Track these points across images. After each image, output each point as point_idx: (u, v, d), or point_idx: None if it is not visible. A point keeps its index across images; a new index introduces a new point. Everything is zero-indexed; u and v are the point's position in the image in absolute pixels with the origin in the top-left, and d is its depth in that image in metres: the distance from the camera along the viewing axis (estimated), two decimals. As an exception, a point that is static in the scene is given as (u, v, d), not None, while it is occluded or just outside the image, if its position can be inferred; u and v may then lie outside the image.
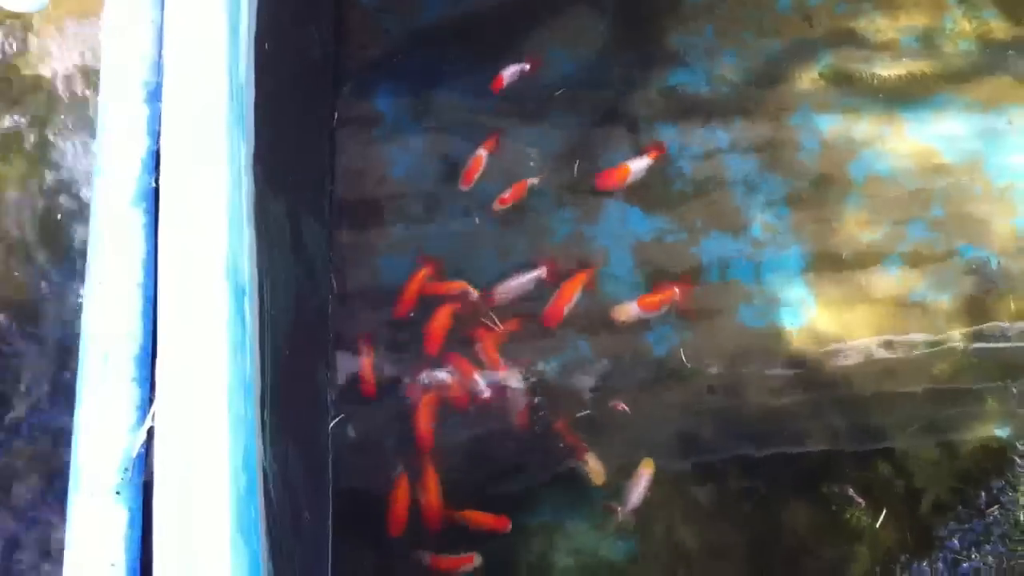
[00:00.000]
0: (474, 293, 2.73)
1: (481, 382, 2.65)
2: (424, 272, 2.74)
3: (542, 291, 2.77)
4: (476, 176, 2.85)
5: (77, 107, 2.49)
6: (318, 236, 2.66)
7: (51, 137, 2.46)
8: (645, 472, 2.62)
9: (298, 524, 2.11)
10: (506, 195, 2.83)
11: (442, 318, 2.69)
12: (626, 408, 2.68)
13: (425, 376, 2.66)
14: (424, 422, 2.61)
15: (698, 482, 2.66)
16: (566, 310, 2.73)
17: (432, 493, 2.55)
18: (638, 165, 2.90)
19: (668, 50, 3.08)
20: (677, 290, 2.78)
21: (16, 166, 2.46)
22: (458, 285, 2.75)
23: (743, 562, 2.60)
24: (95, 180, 1.74)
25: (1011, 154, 3.01)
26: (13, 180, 2.45)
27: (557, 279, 2.78)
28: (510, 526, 2.56)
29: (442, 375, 2.66)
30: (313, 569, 2.31)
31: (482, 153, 2.86)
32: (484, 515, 2.56)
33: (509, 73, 2.96)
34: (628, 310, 2.76)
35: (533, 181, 2.86)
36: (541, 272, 2.77)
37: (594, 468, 2.60)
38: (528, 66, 2.98)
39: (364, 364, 2.66)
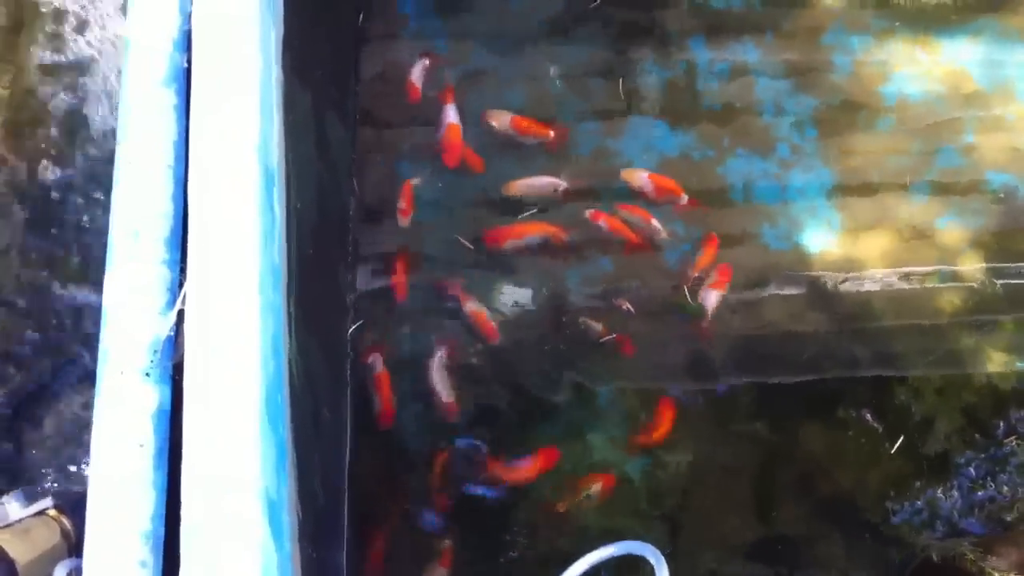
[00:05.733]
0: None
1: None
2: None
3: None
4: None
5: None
6: (341, 135, 2.61)
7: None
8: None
9: (318, 419, 2.09)
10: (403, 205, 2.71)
11: None
12: (631, 308, 2.65)
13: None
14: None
15: (715, 403, 2.64)
16: (508, 244, 2.68)
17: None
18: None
19: (702, -37, 3.01)
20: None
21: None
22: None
23: (758, 483, 2.59)
24: (126, 59, 1.69)
25: (1047, 82, 2.96)
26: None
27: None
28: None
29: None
30: (331, 465, 2.31)
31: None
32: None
33: (417, 76, 2.82)
34: (502, 118, 2.76)
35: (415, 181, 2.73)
36: (561, 184, 2.73)
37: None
38: (428, 60, 2.84)
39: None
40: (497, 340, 2.60)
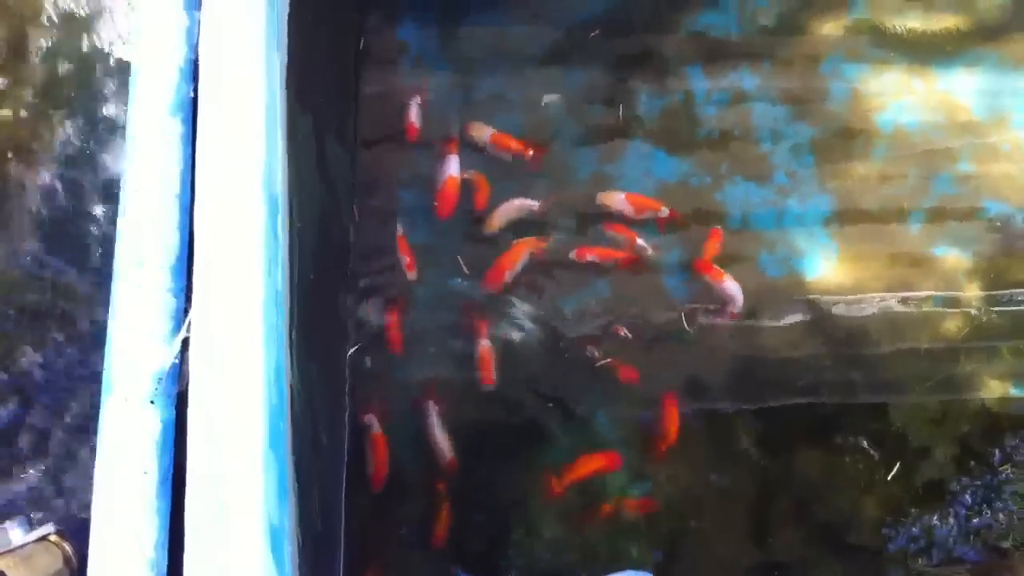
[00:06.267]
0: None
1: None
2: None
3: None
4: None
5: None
6: (341, 160, 2.62)
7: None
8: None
9: (317, 446, 2.10)
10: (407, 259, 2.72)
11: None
12: (628, 334, 2.67)
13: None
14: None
15: (712, 428, 2.65)
16: (508, 275, 2.68)
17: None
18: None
19: (699, -9, 3.04)
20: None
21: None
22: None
23: (754, 508, 2.60)
24: (132, 89, 1.70)
25: (1042, 112, 2.98)
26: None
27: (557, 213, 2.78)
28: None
29: None
30: (330, 493, 2.31)
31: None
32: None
33: (414, 115, 2.81)
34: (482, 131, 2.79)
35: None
36: (534, 204, 2.75)
37: None
38: (419, 98, 2.84)
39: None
40: (493, 383, 2.62)
